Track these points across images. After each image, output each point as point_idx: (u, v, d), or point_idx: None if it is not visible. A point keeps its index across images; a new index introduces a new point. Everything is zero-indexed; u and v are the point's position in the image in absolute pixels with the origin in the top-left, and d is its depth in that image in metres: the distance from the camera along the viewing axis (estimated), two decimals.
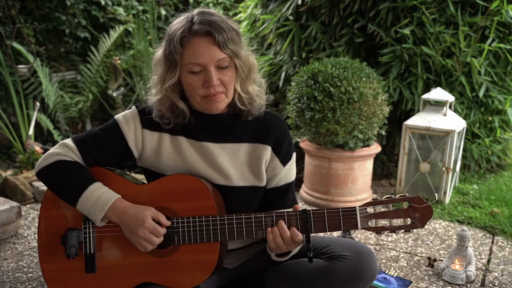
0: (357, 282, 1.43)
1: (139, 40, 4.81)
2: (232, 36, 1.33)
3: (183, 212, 1.39)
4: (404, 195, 1.36)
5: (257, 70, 1.45)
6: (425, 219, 1.34)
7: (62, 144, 1.43)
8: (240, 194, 1.48)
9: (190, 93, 1.39)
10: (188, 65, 1.33)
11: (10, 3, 4.12)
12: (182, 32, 1.31)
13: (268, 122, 1.50)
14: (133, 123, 1.45)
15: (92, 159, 1.44)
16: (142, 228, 1.33)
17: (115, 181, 1.44)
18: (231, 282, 1.62)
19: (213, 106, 1.39)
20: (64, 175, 1.38)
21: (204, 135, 1.46)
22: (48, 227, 1.45)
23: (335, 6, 3.42)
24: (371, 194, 3.08)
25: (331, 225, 1.35)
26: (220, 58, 1.32)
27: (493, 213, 2.81)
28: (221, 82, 1.35)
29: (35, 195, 3.08)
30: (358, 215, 1.35)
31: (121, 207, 1.36)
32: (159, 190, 1.41)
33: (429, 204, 1.33)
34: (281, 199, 1.57)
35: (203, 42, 1.31)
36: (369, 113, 2.78)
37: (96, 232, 1.42)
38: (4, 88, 4.14)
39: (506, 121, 3.54)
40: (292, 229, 1.35)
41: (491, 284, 2.08)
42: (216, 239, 1.37)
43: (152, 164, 1.48)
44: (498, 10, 3.15)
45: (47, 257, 1.44)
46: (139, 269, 1.40)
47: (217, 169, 1.45)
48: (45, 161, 1.40)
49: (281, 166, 1.52)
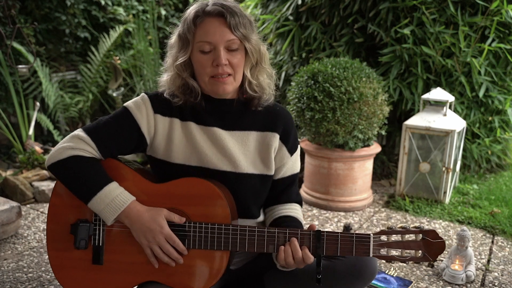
0: (356, 281, 1.43)
1: (139, 40, 4.81)
2: (244, 22, 1.37)
3: (196, 217, 1.37)
4: (420, 227, 1.34)
5: (268, 61, 1.47)
6: (436, 254, 1.33)
7: (74, 137, 1.39)
8: (249, 182, 1.48)
9: (200, 73, 1.40)
10: (199, 43, 1.35)
11: (10, 3, 4.12)
12: (196, 12, 1.36)
13: (276, 112, 1.52)
14: (145, 109, 1.43)
15: (106, 148, 1.40)
16: (159, 234, 1.32)
17: (128, 177, 1.42)
18: (231, 282, 1.62)
19: (220, 88, 1.39)
20: (79, 172, 1.35)
21: (213, 121, 1.46)
22: (58, 214, 1.43)
23: (335, 6, 3.42)
24: (371, 194, 3.08)
25: (343, 250, 1.34)
26: (230, 39, 1.35)
27: (493, 213, 2.81)
28: (230, 63, 1.37)
29: (35, 195, 3.08)
30: (371, 244, 1.33)
31: (136, 211, 1.34)
32: (174, 192, 1.39)
33: (443, 240, 1.32)
34: (286, 191, 1.57)
35: (215, 22, 1.34)
36: (369, 113, 2.78)
37: (107, 225, 1.41)
38: (4, 88, 4.14)
39: (506, 121, 3.54)
40: (305, 251, 1.33)
41: (491, 284, 2.08)
42: (227, 248, 1.36)
43: (163, 152, 1.46)
44: (498, 10, 3.15)
45: (55, 244, 1.44)
46: (145, 268, 1.39)
47: (226, 155, 1.45)
48: (59, 155, 1.36)
49: (289, 155, 1.53)
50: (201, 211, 1.37)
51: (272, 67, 1.51)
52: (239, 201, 1.46)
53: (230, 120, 1.47)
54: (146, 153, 1.50)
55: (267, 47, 1.48)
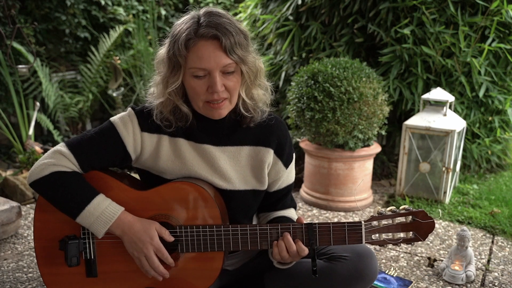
0: (357, 282, 1.42)
1: (139, 40, 4.81)
2: (240, 41, 1.27)
3: (187, 220, 1.36)
4: (409, 208, 1.36)
5: (263, 75, 1.40)
6: (426, 233, 1.36)
7: (56, 152, 1.35)
8: (240, 198, 1.46)
9: (193, 98, 1.34)
10: (192, 69, 1.28)
11: (10, 3, 4.12)
12: (187, 34, 1.25)
13: (269, 126, 1.47)
14: (132, 126, 1.38)
15: (88, 164, 1.37)
16: (149, 245, 1.30)
17: (114, 187, 1.38)
18: (231, 283, 1.62)
19: (216, 113, 1.34)
20: (63, 188, 1.31)
21: (205, 138, 1.42)
22: (44, 230, 1.40)
23: (335, 6, 3.42)
24: (371, 194, 3.08)
25: (336, 239, 1.35)
26: (226, 63, 1.27)
27: (493, 213, 2.81)
28: (225, 87, 1.30)
29: (35, 195, 3.08)
30: (363, 230, 1.35)
31: (127, 221, 1.32)
32: (162, 197, 1.37)
33: (433, 220, 1.34)
34: (281, 200, 1.56)
35: (209, 46, 1.25)
36: (369, 113, 2.78)
37: (96, 238, 1.38)
38: (4, 88, 4.14)
39: (506, 121, 3.54)
40: (298, 244, 1.33)
41: (491, 284, 2.08)
42: (220, 248, 1.35)
43: (150, 166, 1.43)
44: (498, 10, 3.15)
45: (45, 260, 1.41)
46: (140, 275, 1.38)
47: (217, 172, 1.42)
48: (41, 172, 1.32)
49: (284, 169, 1.51)
50: (191, 214, 1.35)
51: (268, 80, 1.44)
52: (229, 215, 1.44)
53: (221, 136, 1.43)
54: (132, 165, 1.47)
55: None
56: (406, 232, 1.36)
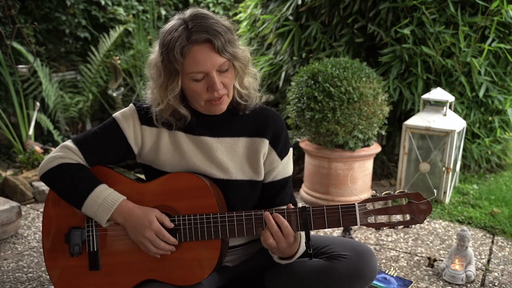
0: (357, 281, 1.43)
1: (139, 40, 4.82)
2: (229, 38, 1.35)
3: (185, 210, 1.41)
4: (403, 191, 1.36)
5: (251, 62, 1.47)
6: (424, 215, 1.35)
7: (63, 147, 1.44)
8: (238, 188, 1.50)
9: (195, 99, 1.41)
10: (191, 74, 1.34)
11: (10, 3, 4.12)
12: (181, 42, 1.32)
13: (265, 117, 1.53)
14: (132, 120, 1.46)
15: (94, 158, 1.46)
16: (148, 229, 1.36)
17: (118, 181, 1.46)
18: (231, 281, 1.63)
19: (218, 109, 1.42)
20: (68, 178, 1.40)
21: (202, 130, 1.48)
22: (51, 225, 1.47)
23: (335, 6, 3.43)
24: (371, 194, 3.08)
25: (330, 222, 1.37)
26: (221, 63, 1.34)
27: (493, 213, 2.81)
28: (223, 84, 1.37)
29: (35, 195, 3.08)
30: (357, 212, 1.36)
31: (127, 209, 1.38)
32: (161, 189, 1.44)
33: (429, 200, 1.34)
34: (279, 194, 1.57)
35: (203, 49, 1.32)
36: (369, 113, 2.78)
37: (99, 230, 1.44)
38: (4, 88, 4.14)
39: (506, 121, 3.55)
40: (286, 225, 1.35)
41: (491, 284, 2.08)
42: (217, 236, 1.39)
43: (151, 160, 1.50)
44: (498, 10, 3.15)
45: (52, 254, 1.47)
46: (142, 266, 1.42)
47: (215, 163, 1.47)
48: (48, 165, 1.42)
49: (279, 159, 1.54)
50: (189, 204, 1.41)
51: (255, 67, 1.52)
52: (229, 207, 1.48)
53: (219, 127, 1.49)
54: (137, 161, 1.54)
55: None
56: (403, 215, 1.35)
